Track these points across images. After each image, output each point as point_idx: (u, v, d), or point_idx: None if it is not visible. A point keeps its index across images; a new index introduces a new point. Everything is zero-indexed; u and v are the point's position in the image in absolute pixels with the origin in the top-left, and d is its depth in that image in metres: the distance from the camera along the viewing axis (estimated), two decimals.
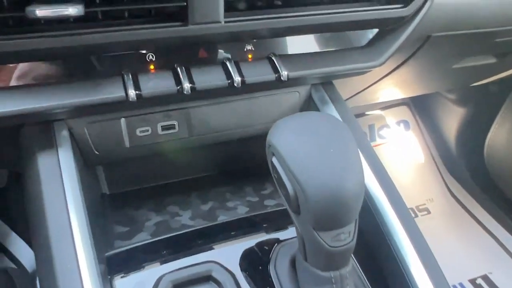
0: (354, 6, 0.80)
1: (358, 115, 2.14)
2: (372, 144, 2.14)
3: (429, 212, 2.01)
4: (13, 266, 1.40)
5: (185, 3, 0.65)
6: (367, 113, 2.17)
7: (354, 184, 0.54)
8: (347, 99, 1.29)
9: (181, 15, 0.66)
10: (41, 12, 0.57)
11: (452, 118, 2.01)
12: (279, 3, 0.75)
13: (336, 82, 0.97)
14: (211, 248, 0.73)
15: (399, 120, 2.20)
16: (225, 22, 0.69)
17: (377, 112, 2.18)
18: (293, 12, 0.75)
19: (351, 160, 0.55)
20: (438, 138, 2.13)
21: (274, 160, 0.57)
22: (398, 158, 2.12)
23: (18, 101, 0.65)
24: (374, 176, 0.78)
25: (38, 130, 0.72)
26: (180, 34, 0.68)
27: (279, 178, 0.57)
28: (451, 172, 2.08)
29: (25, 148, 0.73)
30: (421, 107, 2.19)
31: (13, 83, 0.69)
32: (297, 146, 0.55)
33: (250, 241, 0.74)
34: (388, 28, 0.86)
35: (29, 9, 0.57)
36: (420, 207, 2.02)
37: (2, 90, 0.66)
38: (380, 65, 0.85)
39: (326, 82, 0.91)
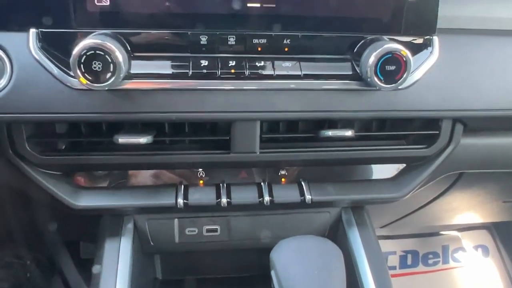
0: (382, 144, 0.92)
1: (431, 234, 2.10)
2: (445, 266, 2.05)
3: None
4: None
5: (228, 137, 0.85)
6: (442, 233, 2.12)
7: None
8: (396, 220, 1.35)
9: (225, 146, 0.86)
10: (122, 140, 0.80)
11: None
12: (311, 137, 0.90)
13: (379, 205, 1.06)
14: None
15: (477, 244, 2.10)
16: (260, 152, 0.86)
17: (453, 233, 2.12)
18: (324, 147, 0.90)
19: (332, 284, 0.65)
20: None
21: (272, 273, 0.70)
22: (473, 285, 1.99)
23: (98, 199, 0.89)
24: None
25: (111, 220, 0.94)
26: (224, 160, 0.87)
27: None
28: None
29: (100, 231, 0.95)
30: (503, 233, 2.08)
31: None
32: (289, 267, 0.68)
33: None
34: (414, 164, 0.97)
35: (115, 137, 0.81)
36: None
37: (90, 190, 0.90)
38: (403, 197, 0.94)
39: (357, 206, 1.02)
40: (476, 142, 0.95)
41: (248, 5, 0.75)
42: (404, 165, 1.00)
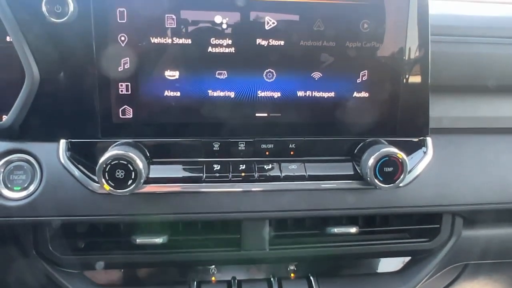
0: (386, 238, 0.96)
1: None
2: None
3: None
4: None
5: (239, 236, 0.89)
6: None
7: None
8: None
9: (236, 243, 0.90)
10: (140, 240, 0.85)
11: None
12: (318, 233, 0.95)
13: None
14: None
15: None
16: (270, 249, 0.90)
17: None
18: (330, 242, 0.94)
19: None
20: None
21: None
22: None
23: None
24: None
25: None
26: (235, 257, 0.91)
27: None
28: None
29: None
30: None
31: None
32: None
33: None
34: (419, 257, 1.00)
35: (133, 237, 0.86)
36: None
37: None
38: None
39: None
40: (477, 234, 0.99)
41: (257, 115, 0.83)
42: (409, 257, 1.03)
